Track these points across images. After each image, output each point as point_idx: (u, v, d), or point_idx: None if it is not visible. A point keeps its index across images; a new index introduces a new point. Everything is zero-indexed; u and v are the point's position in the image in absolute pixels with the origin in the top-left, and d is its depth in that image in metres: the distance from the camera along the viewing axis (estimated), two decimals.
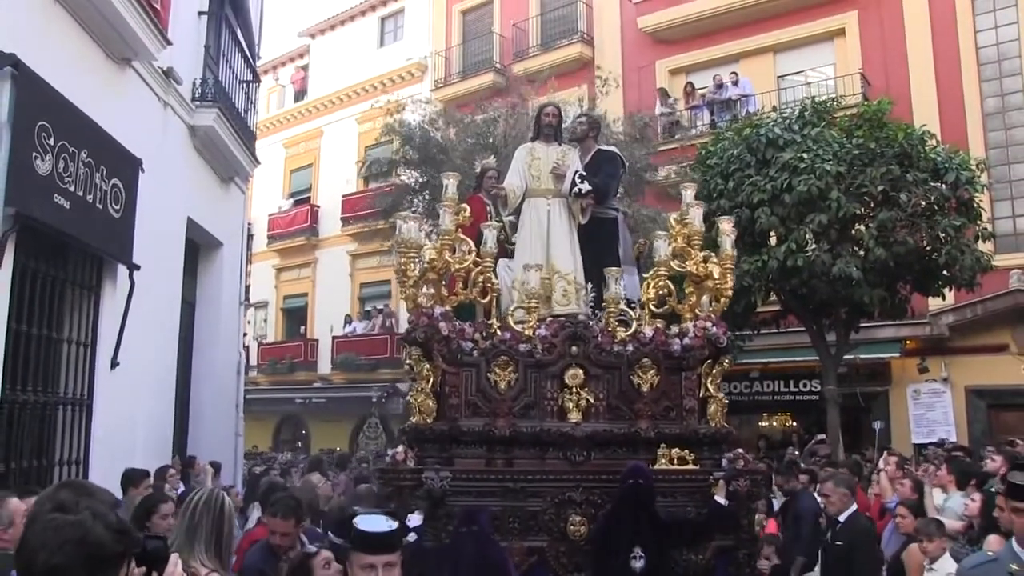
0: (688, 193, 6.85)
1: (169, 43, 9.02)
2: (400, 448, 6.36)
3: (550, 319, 6.44)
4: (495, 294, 6.46)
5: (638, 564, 5.30)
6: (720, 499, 5.88)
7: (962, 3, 18.12)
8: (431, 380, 6.16)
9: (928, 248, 12.66)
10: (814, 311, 13.86)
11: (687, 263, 6.49)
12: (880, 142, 12.81)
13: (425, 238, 7.28)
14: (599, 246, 6.99)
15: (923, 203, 12.40)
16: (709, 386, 6.33)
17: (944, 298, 14.99)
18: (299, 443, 26.50)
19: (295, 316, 29.61)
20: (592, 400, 6.20)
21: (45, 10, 7.06)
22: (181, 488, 8.44)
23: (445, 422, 6.09)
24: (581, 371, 6.22)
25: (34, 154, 6.44)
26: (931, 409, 17.41)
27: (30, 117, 6.38)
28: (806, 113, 13.80)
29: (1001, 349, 16.87)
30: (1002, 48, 17.99)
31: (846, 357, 14.89)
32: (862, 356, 16.28)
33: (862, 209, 12.78)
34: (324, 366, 27.01)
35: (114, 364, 8.30)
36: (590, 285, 6.79)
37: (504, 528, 5.72)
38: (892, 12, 18.81)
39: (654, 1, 21.33)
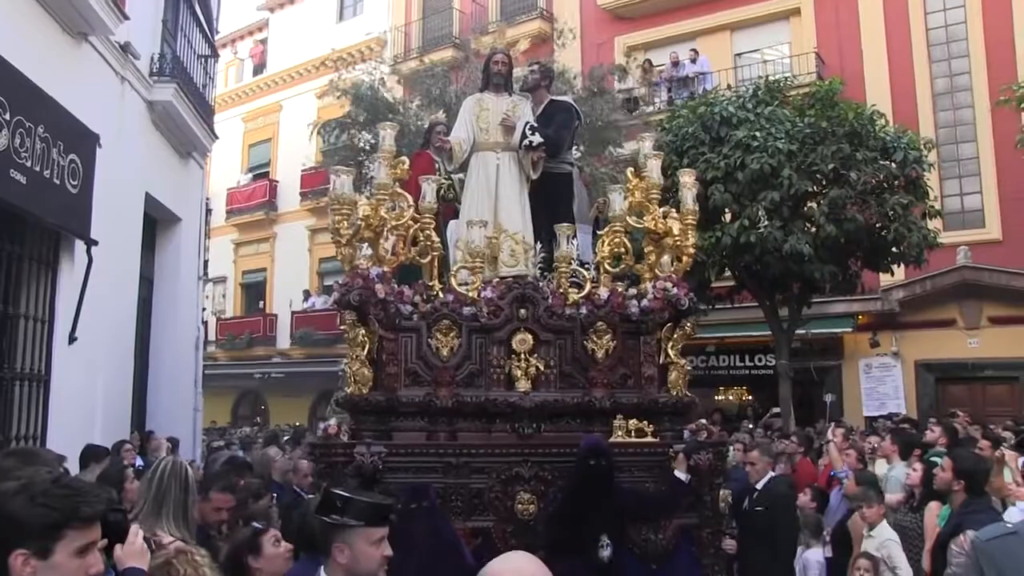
0: (646, 144, 6.10)
1: (127, 17, 8.74)
2: (333, 421, 5.64)
3: (496, 280, 5.71)
4: (436, 254, 5.71)
5: (605, 553, 4.62)
6: (680, 474, 5.20)
7: None
8: (367, 347, 5.43)
9: (877, 225, 12.70)
10: (767, 286, 13.78)
11: (645, 219, 5.75)
12: (831, 121, 12.77)
13: (363, 197, 6.48)
14: (551, 203, 6.23)
15: (872, 181, 12.47)
16: (670, 352, 5.59)
17: (893, 274, 15.13)
18: (257, 418, 25.69)
19: (254, 291, 28.82)
20: (542, 367, 5.45)
21: None
22: (139, 462, 8.19)
23: (382, 392, 5.36)
24: (530, 336, 5.47)
25: None
26: (882, 383, 17.63)
27: None
28: (759, 92, 13.73)
29: (949, 324, 17.11)
30: (951, 30, 18.05)
31: (799, 332, 14.93)
32: (814, 331, 16.27)
33: (813, 187, 12.77)
34: (283, 341, 26.31)
35: (72, 339, 8.10)
36: (539, 245, 6.06)
37: (446, 507, 5.01)
38: None
39: None
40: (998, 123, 15.85)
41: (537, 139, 6.09)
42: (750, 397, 19.47)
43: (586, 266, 5.84)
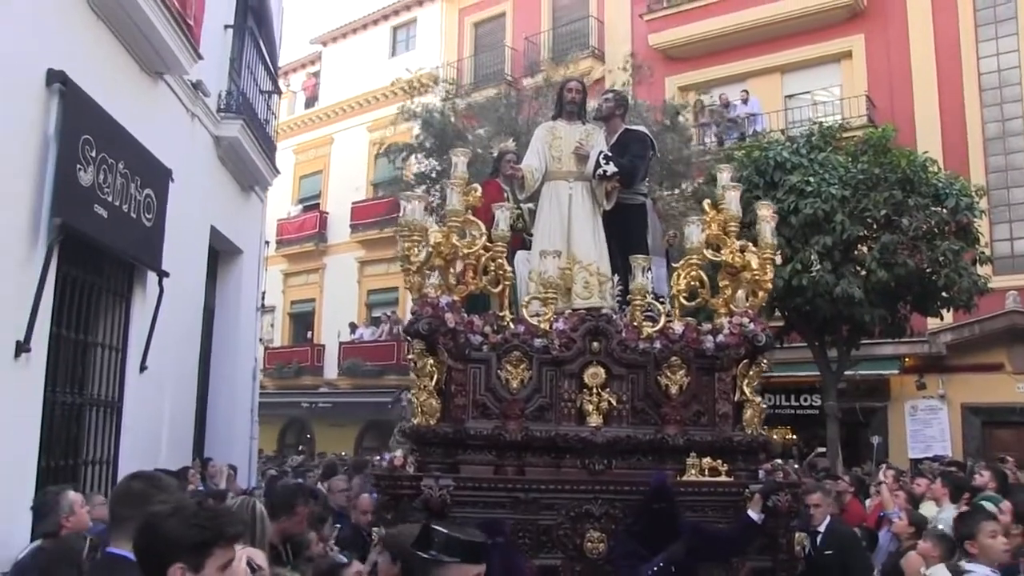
0: (724, 175, 5.84)
1: (201, 57, 8.96)
2: (399, 452, 5.39)
3: (569, 312, 5.46)
4: (508, 283, 5.49)
5: None
6: (753, 514, 4.89)
7: (966, 29, 17.92)
8: (435, 377, 5.22)
9: (928, 270, 12.51)
10: (817, 328, 13.65)
11: (722, 252, 5.49)
12: (884, 167, 12.73)
13: (433, 224, 6.28)
14: (625, 234, 6.00)
15: (924, 227, 12.37)
16: (745, 389, 5.30)
17: (942, 318, 14.96)
18: (302, 447, 25.47)
19: (302, 321, 28.72)
20: (614, 402, 5.19)
21: (88, 26, 7.04)
22: (201, 488, 8.39)
23: (450, 424, 5.13)
24: (603, 370, 5.22)
25: (78, 166, 6.45)
26: (928, 425, 17.34)
27: (75, 131, 6.39)
28: (813, 138, 13.75)
29: (997, 368, 16.81)
30: (1003, 75, 17.80)
31: (846, 373, 14.79)
32: (862, 372, 16.15)
33: (865, 232, 12.69)
34: (330, 371, 26.11)
35: (143, 368, 8.25)
36: (616, 278, 5.81)
37: (514, 544, 4.73)
38: (898, 36, 18.57)
39: (665, 18, 20.77)
40: None
41: (612, 168, 5.87)
42: (794, 436, 18.93)
43: (660, 299, 5.59)
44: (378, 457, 7.22)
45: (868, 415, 17.57)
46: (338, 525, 6.33)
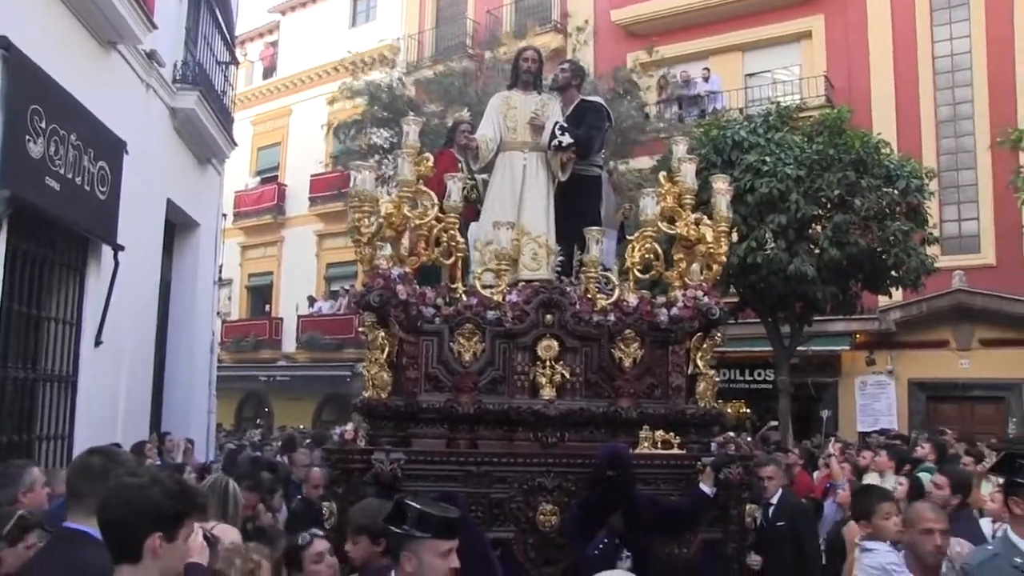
0: (680, 148, 5.74)
1: (155, 27, 8.77)
2: (350, 426, 5.27)
3: (523, 284, 5.35)
4: (461, 255, 5.37)
5: (626, 566, 4.25)
6: (705, 487, 4.83)
7: (922, 13, 18.13)
8: (386, 350, 5.08)
9: (878, 250, 12.65)
10: (770, 305, 13.76)
11: (677, 224, 5.40)
12: (838, 148, 12.88)
13: (385, 195, 6.12)
14: (579, 206, 5.87)
15: (875, 208, 12.49)
16: (699, 362, 5.24)
17: (891, 296, 15.22)
18: (260, 420, 25.15)
19: (260, 294, 28.30)
20: (568, 375, 5.11)
21: None
22: (158, 463, 8.28)
23: (401, 397, 5.02)
24: (556, 342, 5.13)
25: (27, 137, 6.31)
26: (876, 400, 17.71)
27: (23, 100, 6.25)
28: (770, 118, 13.79)
29: (942, 345, 17.24)
30: (956, 59, 18.03)
31: (799, 349, 15.04)
32: (814, 348, 16.44)
33: (819, 211, 12.88)
34: (289, 344, 25.75)
35: (98, 342, 8.18)
36: (558, 248, 5.71)
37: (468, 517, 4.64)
38: (857, 18, 18.66)
39: None
40: (997, 154, 15.81)
41: (567, 139, 5.72)
42: (747, 410, 19.13)
43: (611, 271, 5.50)
44: (336, 430, 7.11)
45: (820, 390, 17.81)
46: (300, 497, 6.26)
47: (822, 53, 18.94)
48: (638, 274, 5.37)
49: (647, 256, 5.34)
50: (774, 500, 6.22)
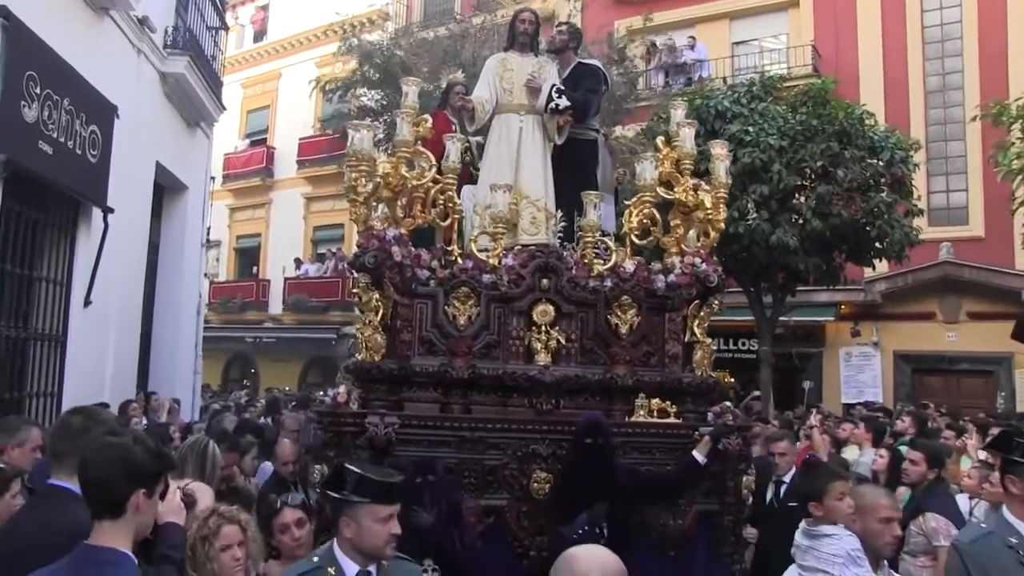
0: (679, 112, 5.58)
1: None
2: (342, 388, 5.14)
3: (519, 248, 5.21)
4: (457, 217, 5.22)
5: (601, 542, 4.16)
6: (699, 455, 4.71)
7: None
8: (380, 312, 4.93)
9: (862, 221, 12.69)
10: (753, 275, 13.81)
11: (675, 190, 5.26)
12: (822, 119, 12.84)
13: (381, 154, 5.96)
14: (576, 170, 5.71)
15: (859, 179, 12.49)
16: (696, 330, 5.11)
17: (874, 268, 15.24)
18: (246, 381, 25.08)
19: (248, 256, 28.21)
20: (563, 341, 4.96)
21: None
22: (144, 422, 8.39)
23: (395, 360, 4.86)
24: (552, 307, 4.99)
25: (22, 102, 6.42)
26: (861, 371, 17.76)
27: (19, 66, 6.34)
28: (754, 88, 13.80)
29: (928, 317, 17.22)
30: (946, 29, 17.87)
31: (786, 319, 15.11)
32: (797, 319, 16.41)
33: (802, 182, 12.83)
34: (275, 306, 25.72)
35: (87, 303, 8.28)
36: (560, 214, 5.56)
37: (459, 483, 4.54)
38: None
39: None
40: (986, 125, 15.65)
41: (564, 102, 5.56)
42: (732, 380, 19.14)
43: (608, 237, 5.37)
44: (321, 393, 7.01)
45: (804, 360, 17.79)
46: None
47: (809, 22, 18.77)
48: (635, 239, 5.23)
49: (644, 221, 5.20)
50: (786, 478, 5.99)
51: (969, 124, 16.48)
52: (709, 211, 5.15)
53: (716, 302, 5.19)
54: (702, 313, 5.16)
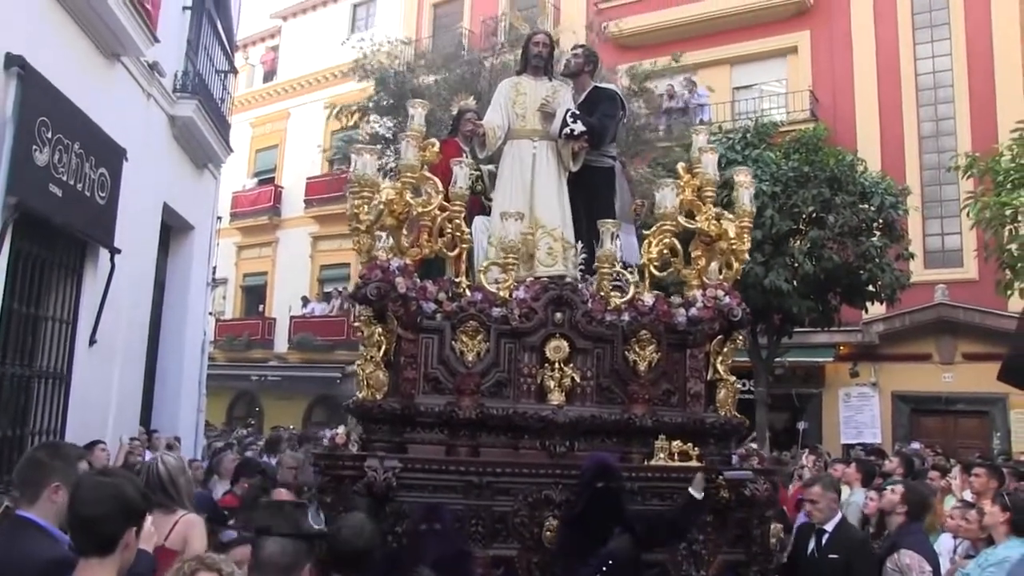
0: (700, 138, 5.18)
1: (158, 40, 8.84)
2: (341, 429, 4.65)
3: (531, 280, 4.75)
4: (466, 246, 4.76)
5: None
6: (695, 492, 4.14)
7: (904, 31, 18.05)
8: (383, 348, 4.50)
9: (854, 264, 12.76)
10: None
11: (697, 219, 4.82)
12: (813, 166, 12.91)
13: (387, 181, 5.52)
14: (592, 198, 5.29)
15: (850, 224, 12.54)
16: (718, 367, 4.67)
17: (867, 311, 15.21)
18: (250, 420, 24.51)
19: (254, 294, 27.74)
20: (578, 379, 4.53)
21: (47, 10, 7.01)
22: (148, 456, 7.85)
23: (398, 399, 4.42)
24: (566, 343, 4.55)
25: (34, 147, 6.42)
26: (860, 412, 17.47)
27: (32, 113, 6.35)
28: (748, 135, 13.88)
29: (925, 358, 17.01)
30: (938, 76, 17.88)
31: (785, 360, 15.07)
32: (797, 360, 16.31)
33: (795, 226, 12.85)
34: (281, 345, 25.23)
35: (92, 342, 8.16)
36: (580, 244, 5.11)
37: (465, 532, 4.05)
38: (842, 34, 18.52)
39: (619, 7, 20.25)
40: None
41: (579, 128, 5.14)
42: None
43: (629, 269, 4.90)
44: (327, 433, 6.51)
45: (804, 401, 17.51)
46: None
47: (808, 68, 18.77)
48: (655, 271, 4.76)
49: (664, 252, 4.74)
50: (829, 527, 5.03)
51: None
52: (733, 241, 4.71)
53: (740, 338, 4.71)
54: (725, 349, 4.73)
